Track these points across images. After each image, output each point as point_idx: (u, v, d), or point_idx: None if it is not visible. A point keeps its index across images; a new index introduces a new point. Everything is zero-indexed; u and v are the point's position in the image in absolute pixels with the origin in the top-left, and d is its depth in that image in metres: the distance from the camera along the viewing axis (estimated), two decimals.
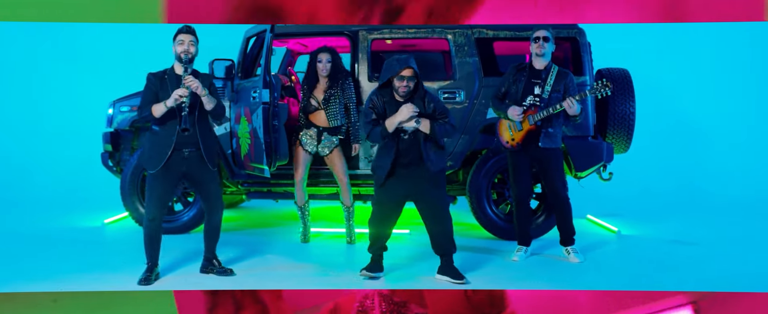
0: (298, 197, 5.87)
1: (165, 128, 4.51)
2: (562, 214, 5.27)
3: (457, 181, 6.39)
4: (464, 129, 5.99)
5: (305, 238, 5.98)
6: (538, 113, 5.07)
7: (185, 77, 4.39)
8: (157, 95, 4.50)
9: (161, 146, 4.50)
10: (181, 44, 4.48)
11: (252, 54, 6.27)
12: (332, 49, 5.73)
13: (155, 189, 4.55)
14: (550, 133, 5.12)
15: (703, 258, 5.40)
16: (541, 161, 5.19)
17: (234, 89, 6.12)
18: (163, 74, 4.57)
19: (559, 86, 5.10)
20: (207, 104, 4.51)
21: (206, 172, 4.63)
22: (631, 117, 6.12)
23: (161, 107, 4.41)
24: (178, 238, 5.98)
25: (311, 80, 5.73)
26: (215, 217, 4.80)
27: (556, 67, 5.16)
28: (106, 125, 6.38)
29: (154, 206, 4.57)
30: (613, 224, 6.66)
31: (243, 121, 5.88)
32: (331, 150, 5.75)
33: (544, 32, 5.10)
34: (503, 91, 5.28)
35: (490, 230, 6.07)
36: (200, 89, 4.41)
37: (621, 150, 6.32)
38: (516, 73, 5.23)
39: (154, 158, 4.51)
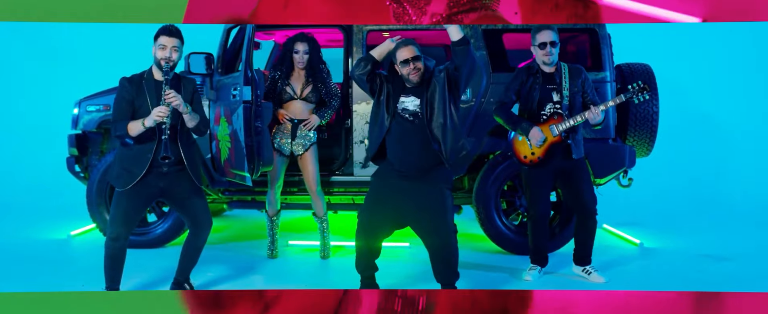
0: (271, 205, 5.26)
1: (141, 143, 3.88)
2: (587, 231, 4.66)
3: (463, 188, 5.79)
4: (470, 131, 5.38)
5: (273, 253, 5.34)
6: (562, 123, 4.45)
7: (166, 92, 3.76)
8: (133, 103, 3.87)
9: (134, 163, 3.88)
10: (162, 49, 3.84)
11: (234, 48, 5.64)
12: (311, 39, 5.13)
13: (122, 205, 3.93)
14: (578, 141, 4.53)
15: (741, 277, 4.80)
16: (567, 174, 4.58)
17: (213, 86, 5.50)
18: (140, 79, 3.94)
19: (575, 85, 4.49)
20: (189, 122, 3.92)
21: (190, 189, 4.04)
22: (655, 117, 5.56)
23: (138, 126, 3.78)
24: (149, 253, 5.35)
25: (285, 71, 5.14)
26: (202, 236, 4.19)
27: (566, 66, 4.55)
28: (71, 126, 5.77)
29: (119, 223, 3.94)
30: (633, 234, 6.08)
31: (222, 122, 5.25)
32: (306, 149, 5.14)
33: (550, 35, 4.44)
34: (513, 99, 4.66)
35: (499, 243, 5.48)
36: (182, 107, 3.81)
37: (643, 153, 5.77)
38: (526, 80, 4.59)
39: (124, 177, 3.89)
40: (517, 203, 5.50)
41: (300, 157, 5.18)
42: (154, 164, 3.88)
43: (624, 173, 5.62)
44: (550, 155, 4.53)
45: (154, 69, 3.95)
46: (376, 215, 4.03)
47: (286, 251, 5.57)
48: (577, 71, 4.53)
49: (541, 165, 4.57)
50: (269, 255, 5.33)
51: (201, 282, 4.57)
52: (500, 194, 5.47)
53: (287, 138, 5.13)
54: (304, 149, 5.15)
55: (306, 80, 5.15)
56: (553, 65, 4.53)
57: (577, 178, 4.56)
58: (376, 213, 4.03)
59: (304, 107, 5.15)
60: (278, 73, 5.15)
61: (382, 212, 4.02)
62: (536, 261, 4.78)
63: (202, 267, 4.86)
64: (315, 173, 5.19)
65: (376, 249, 4.13)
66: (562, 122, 4.45)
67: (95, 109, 5.69)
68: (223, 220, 7.08)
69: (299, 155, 5.17)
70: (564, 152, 4.51)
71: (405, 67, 3.88)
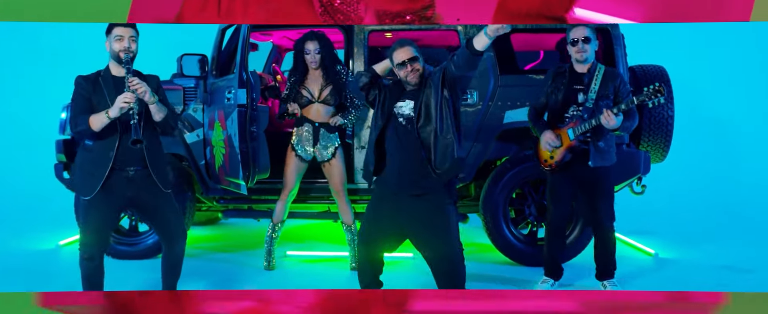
0: (278, 213, 4.98)
1: (101, 143, 3.59)
2: (603, 247, 4.41)
3: (469, 196, 5.54)
4: (477, 136, 5.13)
5: (270, 264, 5.07)
6: (578, 126, 4.19)
7: (130, 79, 3.48)
8: (90, 101, 3.59)
9: (95, 165, 3.58)
10: (118, 41, 3.57)
11: (229, 49, 5.40)
12: (321, 35, 4.83)
13: (91, 221, 3.64)
14: (600, 148, 4.23)
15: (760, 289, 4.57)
16: (586, 183, 4.31)
17: (207, 89, 5.25)
18: (96, 77, 3.66)
19: (606, 90, 4.20)
20: (155, 114, 3.62)
21: (158, 195, 3.73)
22: (670, 121, 5.31)
23: (102, 118, 3.49)
24: (140, 265, 5.10)
25: (300, 74, 4.85)
26: (177, 248, 3.89)
27: (602, 68, 4.27)
28: (59, 131, 5.51)
29: (92, 241, 3.66)
30: (646, 243, 5.82)
31: (217, 127, 5.01)
32: (332, 154, 4.87)
33: (583, 32, 4.18)
34: (543, 102, 4.42)
35: (507, 253, 5.22)
36: (148, 95, 3.52)
37: (657, 159, 5.54)
38: (555, 80, 4.35)
39: (87, 182, 3.60)
40: (527, 212, 5.24)
41: (326, 163, 4.91)
42: (117, 165, 3.59)
43: (638, 179, 5.37)
44: (571, 161, 4.27)
45: (111, 65, 3.68)
46: (375, 226, 3.75)
47: (284, 262, 5.30)
48: (612, 75, 4.23)
49: (562, 171, 4.32)
50: (266, 266, 5.06)
51: None
52: (509, 202, 5.21)
53: (309, 143, 4.87)
54: (330, 155, 4.89)
55: (324, 81, 4.86)
56: (587, 64, 4.26)
57: (593, 190, 4.30)
58: (375, 224, 3.75)
59: (323, 110, 4.87)
60: (294, 78, 4.87)
61: (381, 224, 3.73)
62: (550, 273, 4.52)
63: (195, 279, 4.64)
64: (342, 179, 4.92)
65: (378, 261, 3.83)
66: (578, 125, 4.19)
67: None
68: (218, 229, 6.82)
69: (325, 161, 4.91)
70: (583, 158, 4.25)
71: (402, 69, 3.61)
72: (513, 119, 5.14)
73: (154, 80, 3.76)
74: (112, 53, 3.61)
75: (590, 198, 4.33)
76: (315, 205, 5.47)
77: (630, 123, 4.18)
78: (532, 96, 5.10)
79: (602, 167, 4.25)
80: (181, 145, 5.25)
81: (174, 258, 3.91)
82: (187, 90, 5.28)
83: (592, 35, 4.20)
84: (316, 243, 6.01)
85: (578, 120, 4.20)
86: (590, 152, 4.20)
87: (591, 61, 4.27)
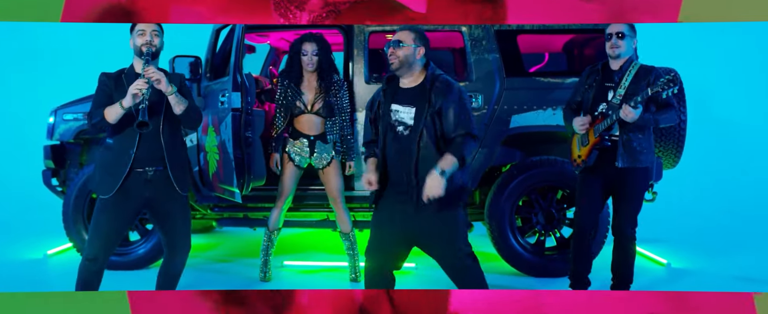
0: (274, 220, 4.79)
1: (121, 140, 3.52)
2: (622, 256, 4.21)
3: (474, 204, 5.34)
4: (481, 141, 4.93)
5: (266, 275, 4.87)
6: (602, 123, 4.00)
7: (146, 68, 3.41)
8: (112, 98, 3.50)
9: (116, 164, 3.50)
10: (141, 35, 3.52)
11: (223, 51, 5.20)
12: (319, 37, 4.65)
13: (103, 221, 3.53)
14: (632, 148, 4.02)
15: None
16: (614, 186, 4.12)
17: (201, 92, 5.05)
18: (120, 74, 3.60)
19: (638, 86, 3.99)
20: (176, 106, 3.51)
21: (175, 200, 3.63)
22: (682, 126, 5.10)
23: (117, 109, 3.42)
24: (131, 276, 4.92)
25: (295, 77, 4.65)
26: (177, 260, 3.76)
27: (638, 64, 4.08)
28: (47, 136, 5.32)
29: (98, 243, 3.54)
30: (658, 253, 5.63)
31: (210, 132, 4.81)
32: (328, 162, 4.69)
33: (619, 27, 4.01)
34: (578, 100, 4.26)
35: (513, 264, 5.05)
36: (164, 84, 3.42)
37: (669, 165, 5.33)
38: (588, 78, 4.20)
39: (106, 181, 3.50)
40: (534, 220, 5.05)
41: (322, 170, 4.74)
42: (137, 164, 3.50)
43: (649, 186, 5.18)
44: (599, 161, 4.08)
45: (135, 63, 3.61)
46: (385, 236, 3.46)
47: (281, 273, 5.10)
48: (646, 72, 4.04)
49: (591, 171, 4.12)
50: (262, 277, 4.85)
51: None
52: (515, 209, 5.03)
53: (306, 154, 4.69)
54: (326, 163, 4.72)
55: (318, 87, 4.66)
56: (620, 60, 4.08)
57: (619, 192, 4.11)
58: (383, 233, 3.47)
59: (315, 120, 4.69)
60: (287, 81, 4.67)
61: (389, 233, 3.46)
62: (576, 286, 4.29)
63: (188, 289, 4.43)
64: (339, 186, 4.75)
65: (389, 272, 3.53)
66: (602, 121, 4.00)
67: (72, 117, 5.24)
68: (213, 237, 6.61)
69: (321, 168, 4.73)
70: (612, 158, 4.04)
71: (388, 48, 3.35)
72: (519, 124, 4.97)
73: (178, 77, 3.71)
74: (135, 48, 3.55)
75: (615, 201, 4.15)
76: (313, 213, 5.27)
77: (664, 115, 4.01)
78: (539, 99, 4.95)
79: (632, 169, 4.03)
80: None
81: (173, 271, 3.78)
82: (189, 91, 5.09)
83: (628, 31, 4.03)
84: (314, 253, 5.81)
85: (603, 117, 4.02)
86: (618, 151, 4.00)
87: (625, 58, 4.08)
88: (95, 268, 3.58)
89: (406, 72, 3.37)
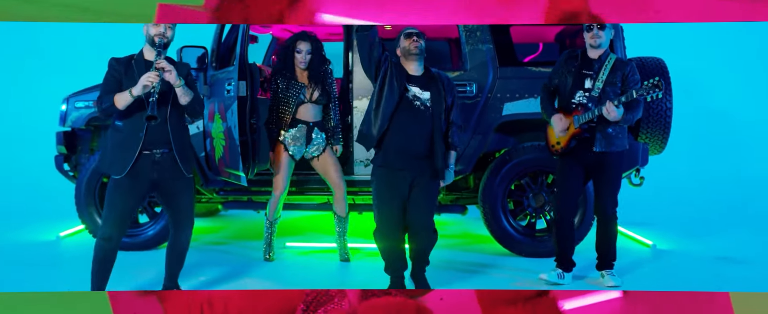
0: (272, 211, 5.01)
1: (131, 123, 3.69)
2: (604, 234, 4.43)
3: (468, 188, 5.56)
4: (476, 128, 5.15)
5: (269, 255, 5.09)
6: (583, 115, 4.21)
7: (157, 60, 3.59)
8: (121, 84, 3.68)
9: (126, 146, 3.68)
10: (156, 26, 3.69)
11: (228, 41, 5.42)
12: (314, 37, 4.87)
13: (116, 201, 3.72)
14: (608, 134, 4.24)
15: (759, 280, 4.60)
16: (594, 169, 4.34)
17: (207, 81, 5.27)
18: (130, 60, 3.77)
19: (614, 77, 4.21)
20: (182, 97, 3.71)
21: (180, 180, 3.83)
22: (668, 113, 5.31)
23: (126, 96, 3.59)
24: (141, 256, 5.14)
25: (288, 72, 4.87)
26: (183, 236, 3.97)
27: (613, 56, 4.29)
28: (59, 123, 5.54)
29: (112, 222, 3.74)
30: (645, 235, 5.85)
31: (217, 119, 5.03)
32: (321, 151, 4.91)
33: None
34: (555, 83, 4.45)
35: (505, 244, 5.25)
36: (173, 77, 3.61)
37: (656, 151, 5.55)
38: (566, 63, 4.38)
39: (118, 161, 3.69)
40: (525, 203, 5.26)
41: (317, 159, 4.95)
42: (146, 146, 3.69)
43: (636, 171, 5.41)
44: (577, 147, 4.29)
45: (145, 49, 3.78)
46: (394, 212, 3.99)
47: (283, 253, 5.32)
48: (622, 64, 4.26)
49: (570, 156, 4.33)
50: (266, 257, 5.09)
51: (193, 284, 4.35)
52: (507, 193, 5.23)
53: (302, 143, 4.90)
54: (321, 150, 4.94)
55: (311, 78, 4.89)
56: (599, 50, 4.27)
57: (599, 175, 4.33)
58: (393, 210, 3.99)
59: (314, 109, 4.91)
60: (288, 74, 4.87)
61: (397, 208, 3.98)
62: (560, 266, 4.50)
63: (195, 270, 4.66)
64: (338, 170, 4.96)
65: (402, 247, 4.08)
66: (583, 114, 4.22)
67: (84, 105, 5.45)
68: (219, 220, 6.85)
69: (317, 156, 4.95)
70: (589, 143, 4.26)
71: (408, 39, 4.00)
72: (512, 111, 5.16)
73: (185, 67, 3.89)
74: (148, 37, 3.72)
75: (596, 184, 4.37)
76: (314, 197, 5.49)
77: (632, 115, 4.22)
78: (531, 88, 5.15)
79: (610, 153, 4.25)
80: None
81: (179, 247, 3.98)
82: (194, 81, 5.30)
83: (607, 24, 4.22)
84: (314, 235, 6.04)
85: (583, 108, 4.23)
86: (596, 137, 4.22)
87: (604, 48, 4.28)
88: (110, 247, 3.77)
89: (420, 59, 4.03)
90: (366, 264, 4.99)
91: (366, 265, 4.97)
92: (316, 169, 5.01)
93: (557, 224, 4.46)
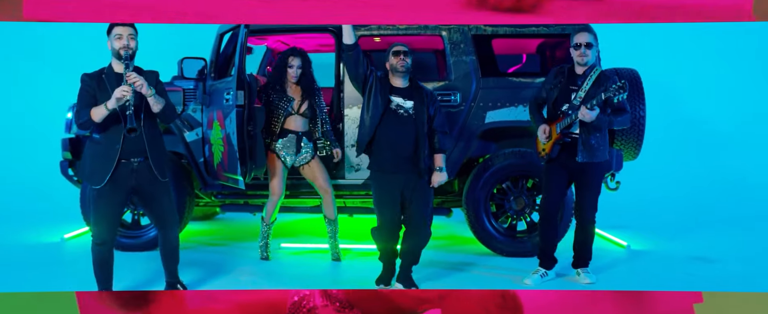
0: (269, 214, 5.32)
1: (107, 136, 3.92)
2: (583, 236, 4.76)
3: (452, 192, 5.85)
4: (460, 135, 5.45)
5: (267, 254, 5.38)
6: (563, 121, 4.54)
7: (127, 73, 3.79)
8: (95, 98, 3.90)
9: (104, 157, 3.91)
10: (118, 39, 3.89)
11: (226, 52, 5.70)
12: (304, 54, 5.24)
13: (101, 208, 3.97)
14: (591, 145, 4.56)
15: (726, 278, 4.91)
16: (576, 176, 4.67)
17: (206, 90, 5.55)
18: (100, 74, 3.97)
19: (596, 91, 4.52)
20: (154, 106, 3.93)
21: (157, 185, 4.06)
22: (641, 122, 5.62)
23: (101, 110, 3.80)
24: (143, 256, 5.40)
25: (280, 85, 5.21)
26: (170, 235, 4.24)
27: (599, 70, 4.61)
28: (65, 130, 5.80)
29: (103, 228, 3.99)
30: (620, 237, 6.15)
31: (215, 126, 5.31)
32: (309, 159, 5.25)
33: (587, 37, 4.53)
34: (543, 96, 4.77)
35: (488, 245, 5.55)
36: (145, 88, 3.83)
37: (630, 157, 5.84)
38: (554, 78, 4.71)
39: (98, 172, 3.92)
40: (507, 206, 5.55)
41: (306, 166, 5.27)
42: (123, 156, 3.92)
43: (611, 176, 5.71)
44: (562, 154, 4.61)
45: (113, 63, 3.98)
46: (394, 214, 4.43)
47: (279, 253, 5.61)
48: (605, 78, 4.57)
49: (556, 162, 4.65)
50: (262, 257, 5.37)
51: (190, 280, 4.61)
52: (490, 197, 5.52)
53: (292, 151, 5.21)
54: (309, 158, 5.27)
55: (301, 93, 5.24)
56: (586, 66, 4.59)
57: (581, 183, 4.65)
58: (392, 212, 4.42)
59: (301, 120, 5.24)
60: (279, 87, 5.21)
61: (396, 210, 4.43)
62: (543, 264, 4.82)
63: (195, 269, 4.93)
64: (327, 177, 5.30)
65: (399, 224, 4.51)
66: (563, 120, 4.53)
67: None
68: (216, 223, 7.12)
69: (306, 164, 5.27)
70: (572, 152, 4.58)
71: (396, 57, 4.40)
72: (494, 119, 5.46)
73: (153, 75, 4.08)
74: (113, 51, 3.92)
75: (577, 190, 4.69)
76: (307, 200, 5.77)
77: (619, 118, 4.59)
78: (511, 97, 5.44)
79: (591, 163, 4.56)
80: (180, 143, 5.56)
81: (169, 245, 4.23)
82: (186, 91, 5.58)
83: (594, 41, 4.55)
84: (307, 236, 6.32)
85: (564, 116, 4.54)
86: (578, 148, 4.53)
87: (590, 64, 4.60)
88: (106, 249, 4.03)
89: (405, 76, 4.45)
90: (356, 264, 5.30)
91: (356, 265, 5.28)
92: (305, 176, 5.33)
93: (542, 224, 4.79)
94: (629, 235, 6.28)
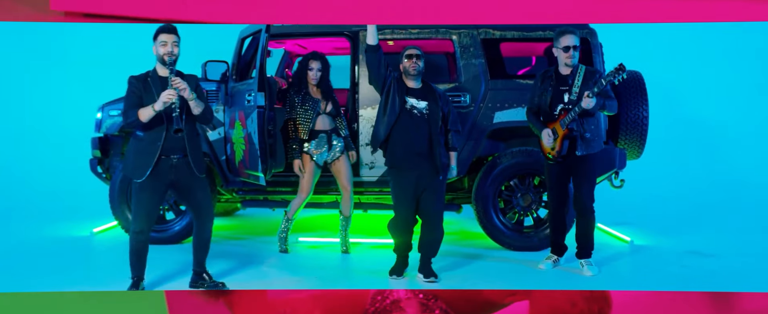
0: (293, 210, 5.60)
1: (150, 133, 4.25)
2: (583, 226, 5.01)
3: (463, 189, 6.10)
4: (469, 134, 5.70)
5: (286, 247, 5.66)
6: (566, 116, 4.80)
7: (172, 78, 4.14)
8: (142, 99, 4.24)
9: (147, 152, 4.24)
10: (163, 45, 4.23)
11: (247, 56, 5.99)
12: (324, 58, 5.53)
13: (142, 200, 4.29)
14: (586, 139, 4.85)
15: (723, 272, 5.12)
16: (573, 169, 4.94)
17: (228, 92, 5.84)
18: (146, 77, 4.32)
19: (587, 87, 4.78)
20: (194, 109, 4.27)
21: (195, 180, 4.38)
22: (645, 122, 5.84)
23: (149, 111, 4.15)
24: (169, 249, 5.67)
25: (303, 87, 5.49)
26: (205, 228, 4.53)
27: (583, 68, 4.89)
28: (95, 129, 6.10)
29: (142, 218, 4.31)
30: (624, 233, 6.36)
31: (237, 125, 5.60)
32: (341, 153, 5.55)
33: (573, 40, 4.81)
34: (536, 103, 5.03)
35: (496, 240, 5.78)
36: (188, 92, 4.18)
37: (633, 156, 6.06)
38: (542, 83, 4.97)
39: (140, 167, 4.25)
40: (514, 203, 5.77)
41: (335, 162, 5.55)
42: (164, 153, 4.23)
43: (615, 174, 5.92)
44: (568, 149, 4.87)
45: (157, 67, 4.32)
46: (409, 209, 4.70)
47: (297, 247, 5.88)
48: (591, 74, 4.84)
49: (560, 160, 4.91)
50: (281, 249, 5.64)
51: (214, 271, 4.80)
52: (498, 193, 5.75)
53: (325, 149, 5.48)
54: (339, 153, 5.55)
55: (322, 94, 5.54)
56: (573, 66, 4.85)
57: (577, 174, 4.91)
58: (408, 208, 4.69)
59: (328, 119, 5.54)
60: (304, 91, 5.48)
61: (411, 206, 4.70)
62: (554, 251, 5.17)
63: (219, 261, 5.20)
64: (349, 175, 5.58)
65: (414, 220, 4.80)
66: (567, 116, 4.78)
67: (117, 113, 5.97)
68: (236, 219, 7.41)
69: (334, 160, 5.54)
70: (572, 147, 4.84)
71: (409, 60, 4.72)
72: (502, 120, 5.70)
73: (194, 79, 4.41)
74: (158, 56, 4.26)
75: (575, 182, 4.94)
76: (324, 196, 6.05)
77: (610, 102, 4.83)
78: (519, 98, 5.66)
79: (588, 155, 4.85)
80: (204, 142, 5.85)
81: (204, 235, 4.52)
82: (209, 93, 5.87)
83: (578, 42, 4.83)
84: (323, 232, 6.59)
85: (566, 112, 4.80)
86: (578, 141, 4.80)
87: (575, 65, 4.87)
88: (143, 238, 4.35)
89: (418, 78, 4.76)
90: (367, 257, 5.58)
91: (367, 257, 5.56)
92: (332, 171, 5.60)
93: (552, 217, 5.11)
94: (632, 231, 6.48)
